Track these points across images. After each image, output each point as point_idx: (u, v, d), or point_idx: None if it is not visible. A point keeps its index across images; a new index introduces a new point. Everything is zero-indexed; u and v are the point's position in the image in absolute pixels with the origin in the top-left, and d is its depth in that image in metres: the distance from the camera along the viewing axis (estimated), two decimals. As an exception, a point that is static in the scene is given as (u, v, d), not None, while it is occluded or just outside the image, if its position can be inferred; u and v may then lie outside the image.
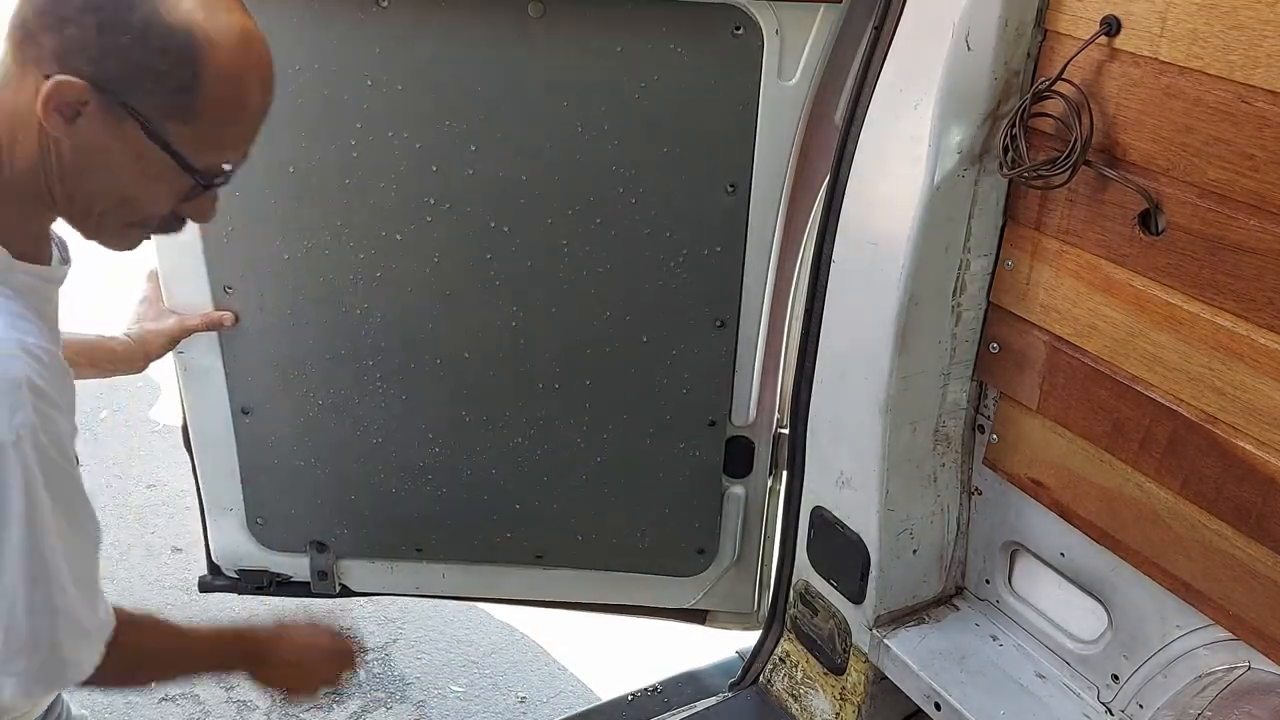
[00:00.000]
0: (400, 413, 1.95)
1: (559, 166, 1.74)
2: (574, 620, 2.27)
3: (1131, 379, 1.38)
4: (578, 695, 2.86)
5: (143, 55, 0.98)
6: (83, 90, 0.98)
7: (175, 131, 1.02)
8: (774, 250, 1.80)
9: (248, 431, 1.98)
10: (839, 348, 1.65)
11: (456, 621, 3.07)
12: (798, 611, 1.93)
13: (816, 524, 1.80)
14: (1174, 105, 1.23)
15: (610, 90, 1.68)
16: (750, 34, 1.62)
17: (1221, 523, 1.31)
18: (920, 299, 1.52)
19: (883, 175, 1.51)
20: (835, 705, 1.89)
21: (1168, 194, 1.27)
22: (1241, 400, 1.25)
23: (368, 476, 2.02)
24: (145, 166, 1.03)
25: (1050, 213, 1.43)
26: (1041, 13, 1.37)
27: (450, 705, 2.82)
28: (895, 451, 1.62)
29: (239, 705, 2.78)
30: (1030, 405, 1.53)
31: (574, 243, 1.80)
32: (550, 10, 1.62)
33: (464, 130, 1.71)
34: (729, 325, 1.86)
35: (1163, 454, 1.36)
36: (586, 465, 2.00)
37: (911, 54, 1.45)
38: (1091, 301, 1.40)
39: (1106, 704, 1.58)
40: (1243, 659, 1.37)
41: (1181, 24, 1.20)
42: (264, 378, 1.93)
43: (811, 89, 1.67)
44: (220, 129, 1.06)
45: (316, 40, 1.65)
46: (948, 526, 1.74)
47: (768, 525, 2.10)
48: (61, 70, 0.97)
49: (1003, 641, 1.72)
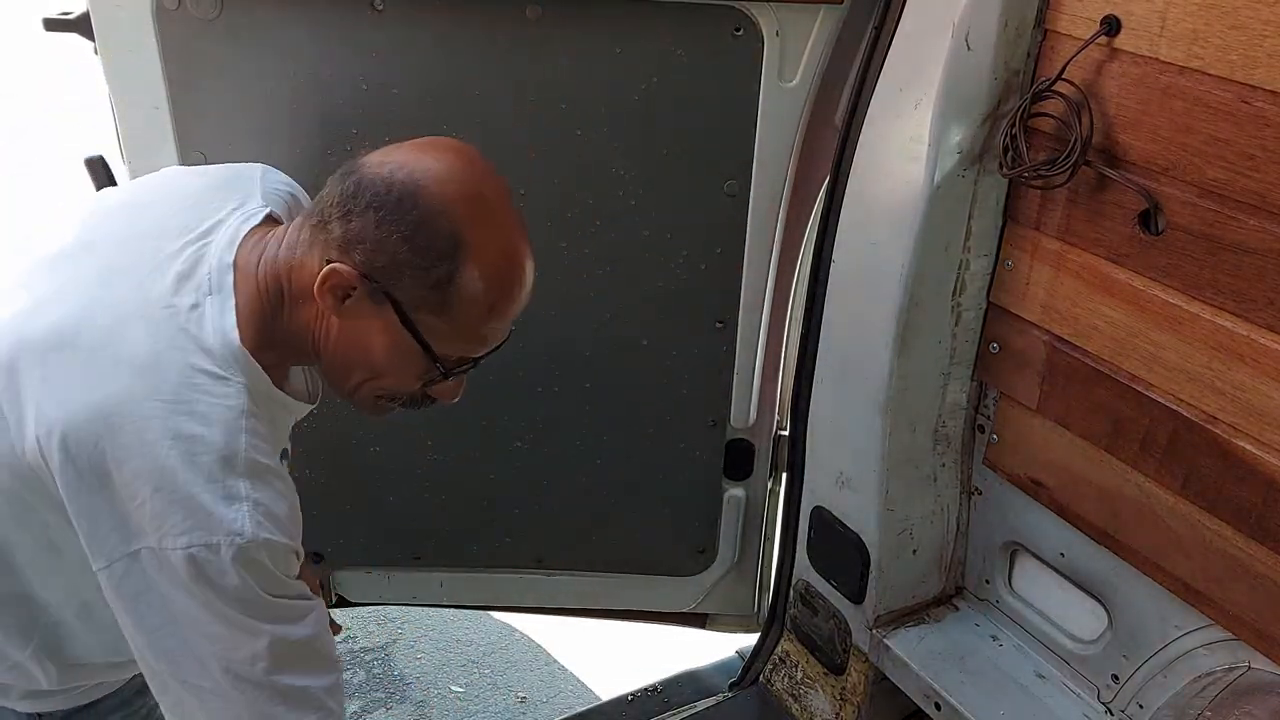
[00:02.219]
0: (397, 419, 1.95)
1: (558, 169, 1.73)
2: (574, 620, 2.27)
3: (1131, 379, 1.38)
4: (578, 695, 2.86)
5: (409, 251, 1.09)
6: (353, 277, 1.09)
7: (427, 323, 1.14)
8: (774, 251, 1.80)
9: None
10: (839, 348, 1.65)
11: (456, 621, 3.07)
12: (798, 611, 1.93)
13: (816, 524, 1.80)
14: (1174, 105, 1.23)
15: (610, 93, 1.68)
16: (750, 36, 1.62)
17: (1221, 523, 1.31)
18: (920, 299, 1.52)
19: (883, 175, 1.51)
20: (835, 705, 1.89)
21: (1168, 194, 1.27)
22: (1241, 400, 1.25)
23: (363, 485, 2.01)
24: (397, 349, 1.15)
25: (1050, 213, 1.43)
26: (1041, 12, 1.37)
27: (450, 705, 2.82)
28: (895, 451, 1.62)
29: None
30: (1030, 405, 1.53)
31: (573, 245, 1.80)
32: (548, 13, 1.62)
33: (461, 134, 1.70)
34: (729, 325, 1.86)
35: (1163, 454, 1.36)
36: (586, 467, 2.00)
37: (911, 54, 1.46)
38: (1091, 301, 1.40)
39: (1106, 704, 1.58)
40: (1243, 659, 1.37)
41: (1181, 24, 1.20)
42: None
43: (812, 90, 1.67)
44: (469, 327, 1.16)
45: (311, 44, 1.65)
46: (948, 526, 1.74)
47: (768, 527, 2.10)
48: (341, 257, 1.10)
49: (1003, 641, 1.72)
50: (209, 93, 1.68)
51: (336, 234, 1.10)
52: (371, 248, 1.09)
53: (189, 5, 1.62)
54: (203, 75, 1.67)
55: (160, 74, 1.66)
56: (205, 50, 1.65)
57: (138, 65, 1.65)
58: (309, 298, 1.13)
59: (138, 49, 1.64)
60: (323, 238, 1.12)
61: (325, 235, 1.12)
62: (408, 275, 1.10)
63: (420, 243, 1.09)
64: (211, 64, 1.67)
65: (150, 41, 1.64)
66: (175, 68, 1.66)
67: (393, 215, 1.08)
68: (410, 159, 1.12)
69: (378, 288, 1.10)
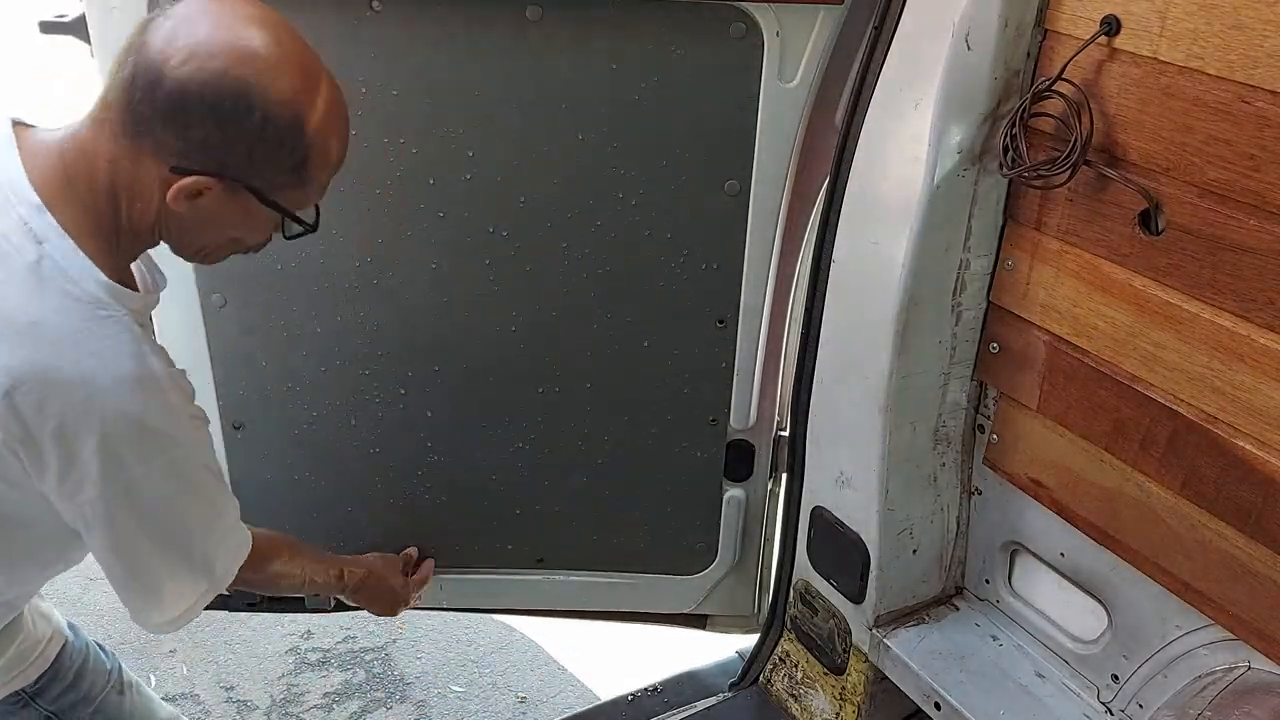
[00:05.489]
0: (398, 421, 1.95)
1: (558, 170, 1.73)
2: (574, 620, 2.27)
3: (1131, 379, 1.38)
4: (578, 695, 2.86)
5: (262, 147, 1.14)
6: (210, 182, 1.14)
7: (285, 195, 1.21)
8: (774, 250, 1.79)
9: (240, 447, 1.96)
10: (839, 348, 1.65)
11: (456, 621, 3.07)
12: (798, 611, 1.93)
13: (816, 524, 1.80)
14: (1174, 105, 1.23)
15: (610, 93, 1.67)
16: (751, 36, 1.62)
17: (1221, 523, 1.31)
18: (920, 299, 1.52)
19: (883, 175, 1.51)
20: (835, 705, 1.89)
21: (1168, 194, 1.27)
22: (1241, 400, 1.25)
23: (364, 487, 2.01)
24: (255, 219, 1.23)
25: (1050, 212, 1.43)
26: (1041, 12, 1.37)
27: (450, 705, 2.82)
28: (895, 451, 1.62)
29: (239, 705, 2.78)
30: (1030, 405, 1.53)
31: (574, 245, 1.79)
32: (548, 13, 1.61)
33: (461, 135, 1.70)
34: (729, 325, 1.86)
35: (1163, 454, 1.36)
36: (586, 468, 2.00)
37: (911, 54, 1.45)
38: (1091, 301, 1.40)
39: (1106, 704, 1.58)
40: (1243, 659, 1.37)
41: (1181, 23, 1.20)
42: (256, 392, 1.91)
43: (812, 91, 1.66)
44: (320, 182, 1.24)
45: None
46: (948, 526, 1.74)
47: (768, 528, 2.10)
48: (187, 163, 1.13)
49: (1003, 641, 1.72)
50: (208, 93, 1.68)
51: (170, 141, 1.12)
52: (221, 151, 1.13)
53: (187, 6, 1.62)
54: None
55: (159, 75, 1.66)
56: (204, 51, 1.65)
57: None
58: (149, 201, 1.16)
59: (136, 50, 1.64)
60: (150, 144, 1.13)
61: (153, 142, 1.13)
62: (264, 167, 1.16)
63: (270, 137, 1.14)
64: (210, 65, 1.66)
65: (149, 42, 1.63)
66: (174, 68, 1.66)
67: (234, 120, 1.11)
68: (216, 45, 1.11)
69: (236, 183, 1.16)
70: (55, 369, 1.11)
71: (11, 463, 1.15)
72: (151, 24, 1.13)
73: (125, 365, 1.14)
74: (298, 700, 2.80)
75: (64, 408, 1.12)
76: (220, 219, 1.21)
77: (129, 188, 1.16)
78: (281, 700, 2.80)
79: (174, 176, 1.14)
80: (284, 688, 2.83)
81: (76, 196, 1.15)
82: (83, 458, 1.14)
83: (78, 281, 1.13)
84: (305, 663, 2.92)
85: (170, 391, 1.20)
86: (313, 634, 3.01)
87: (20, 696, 1.47)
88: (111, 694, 1.60)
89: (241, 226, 1.24)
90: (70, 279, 1.13)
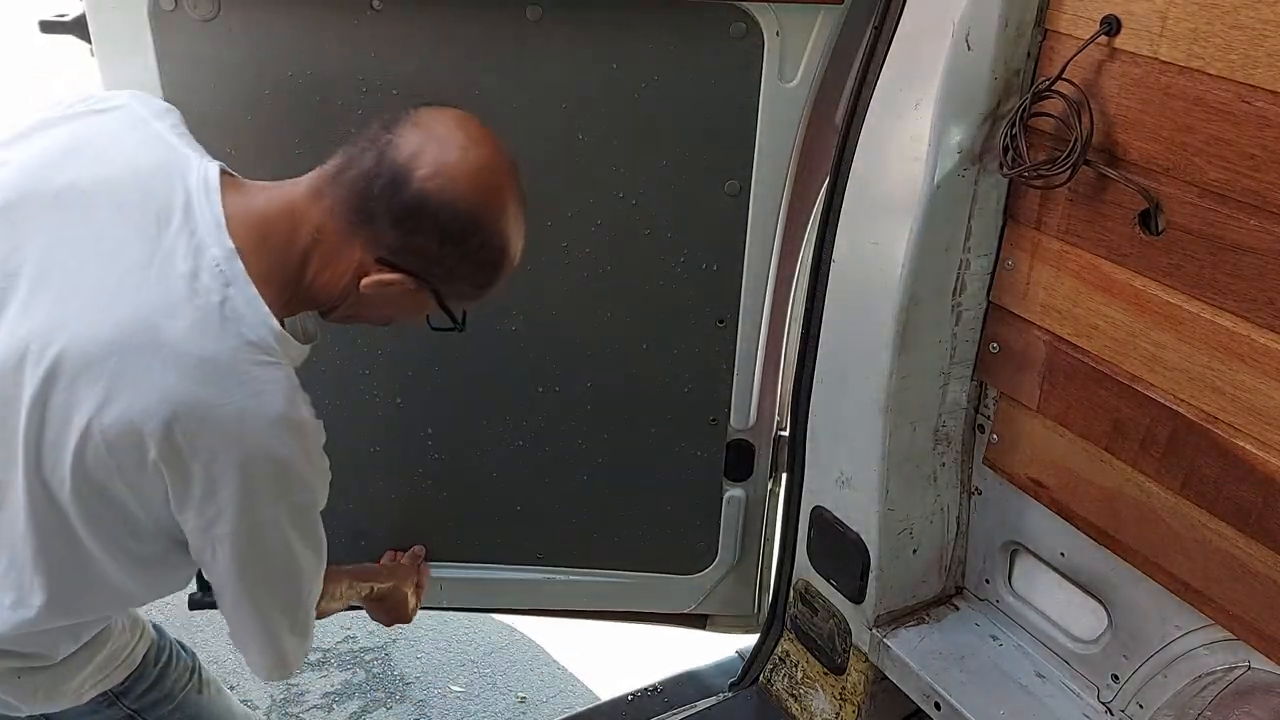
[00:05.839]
0: (398, 419, 1.95)
1: (559, 169, 1.73)
2: (574, 620, 2.27)
3: (1132, 379, 1.38)
4: (578, 695, 2.86)
5: (465, 266, 1.26)
6: (408, 280, 1.24)
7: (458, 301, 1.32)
8: (774, 250, 1.79)
9: None
10: (839, 348, 1.65)
11: (456, 621, 3.07)
12: (798, 611, 1.93)
13: (816, 524, 1.80)
14: (1174, 105, 1.23)
15: (611, 93, 1.67)
16: (751, 36, 1.62)
17: (1221, 523, 1.31)
18: (920, 299, 1.52)
19: (883, 175, 1.51)
20: (835, 705, 1.89)
21: (1168, 194, 1.27)
22: (1241, 400, 1.25)
23: (362, 486, 2.01)
24: (420, 310, 1.32)
25: (1050, 212, 1.43)
26: (1041, 12, 1.37)
27: (450, 705, 2.82)
28: (895, 451, 1.62)
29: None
30: (1030, 405, 1.53)
31: (574, 244, 1.79)
32: (548, 13, 1.61)
33: None
34: (729, 325, 1.86)
35: (1163, 454, 1.36)
36: (587, 466, 2.00)
37: (911, 54, 1.45)
38: (1092, 301, 1.40)
39: (1106, 704, 1.58)
40: (1243, 659, 1.37)
41: (1181, 23, 1.20)
42: None
43: (812, 91, 1.66)
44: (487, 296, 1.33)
45: (308, 45, 1.64)
46: (947, 526, 1.74)
47: (767, 528, 2.10)
48: (394, 259, 1.22)
49: (1002, 641, 1.72)
50: (206, 94, 1.68)
51: (389, 239, 1.21)
52: (430, 261, 1.23)
53: (185, 6, 1.62)
54: (200, 76, 1.67)
55: (157, 76, 1.66)
56: (202, 51, 1.65)
57: (134, 67, 1.65)
58: (340, 276, 1.24)
59: (134, 50, 1.64)
60: (368, 233, 1.21)
61: (373, 232, 1.21)
62: (457, 281, 1.28)
63: (478, 261, 1.26)
64: (208, 65, 1.66)
65: (147, 43, 1.64)
66: (172, 69, 1.66)
67: (456, 241, 1.22)
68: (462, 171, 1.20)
69: (427, 286, 1.26)
70: (218, 406, 1.15)
71: (156, 483, 1.19)
72: (400, 126, 1.22)
73: (279, 408, 1.20)
74: (297, 700, 2.80)
75: (217, 442, 1.16)
76: (392, 304, 1.29)
77: (326, 257, 1.24)
78: (281, 700, 2.79)
79: (377, 266, 1.23)
80: (284, 687, 2.82)
81: (269, 248, 1.22)
82: (224, 491, 1.19)
83: (255, 327, 1.19)
84: (305, 662, 2.92)
85: (312, 439, 1.26)
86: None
87: (107, 696, 1.48)
88: (192, 692, 1.62)
89: (404, 313, 1.34)
90: (248, 324, 1.18)
